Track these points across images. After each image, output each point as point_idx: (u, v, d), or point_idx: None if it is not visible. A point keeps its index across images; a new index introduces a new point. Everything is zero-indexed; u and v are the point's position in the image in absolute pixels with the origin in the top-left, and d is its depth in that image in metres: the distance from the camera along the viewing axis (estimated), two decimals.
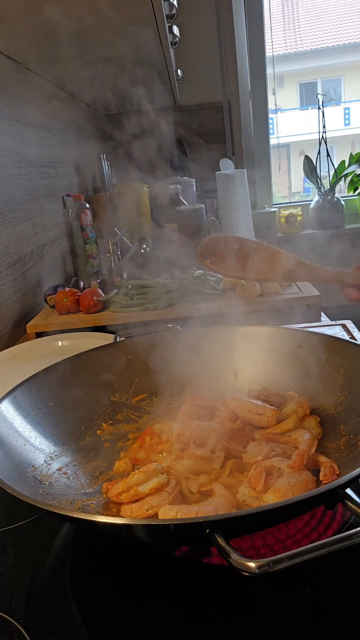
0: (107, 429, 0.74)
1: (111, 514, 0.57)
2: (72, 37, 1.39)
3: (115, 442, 0.72)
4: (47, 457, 0.64)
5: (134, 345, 0.82)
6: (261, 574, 0.37)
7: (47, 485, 0.60)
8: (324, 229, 3.09)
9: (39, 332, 1.29)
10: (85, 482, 0.63)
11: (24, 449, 0.62)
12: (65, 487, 0.61)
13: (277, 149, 3.41)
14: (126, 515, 0.55)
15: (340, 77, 6.55)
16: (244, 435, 0.67)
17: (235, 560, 0.38)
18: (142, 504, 0.55)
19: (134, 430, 0.74)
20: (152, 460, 0.63)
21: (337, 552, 0.39)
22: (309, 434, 0.63)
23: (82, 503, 0.58)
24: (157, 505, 0.54)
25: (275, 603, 0.49)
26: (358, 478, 0.45)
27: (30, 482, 0.58)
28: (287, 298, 1.25)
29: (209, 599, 0.50)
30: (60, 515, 0.46)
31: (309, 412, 0.68)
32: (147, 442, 0.69)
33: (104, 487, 0.61)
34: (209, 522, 0.41)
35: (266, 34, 2.99)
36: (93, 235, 2.01)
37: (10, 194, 1.43)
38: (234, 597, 0.50)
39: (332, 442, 0.64)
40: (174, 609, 0.49)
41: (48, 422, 0.69)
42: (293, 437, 0.64)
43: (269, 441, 0.64)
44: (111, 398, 0.77)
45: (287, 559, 0.38)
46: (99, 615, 0.49)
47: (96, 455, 0.69)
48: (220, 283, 1.38)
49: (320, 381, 0.70)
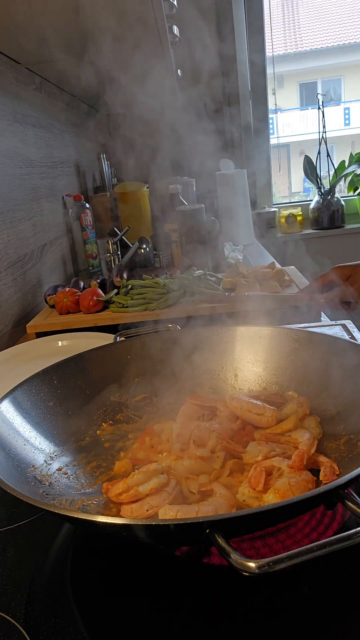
0: (107, 429, 0.74)
1: (111, 514, 0.57)
2: (72, 36, 1.39)
3: (115, 442, 0.72)
4: (47, 457, 0.64)
5: (134, 345, 0.82)
6: (261, 574, 0.37)
7: (47, 485, 0.60)
8: (324, 229, 3.09)
9: (39, 332, 1.29)
10: (85, 482, 0.63)
11: (24, 449, 0.62)
12: (65, 487, 0.61)
13: (277, 149, 3.41)
14: (126, 515, 0.55)
15: (340, 77, 6.55)
16: (244, 436, 0.67)
17: (235, 560, 0.38)
18: (142, 504, 0.55)
19: (134, 430, 0.74)
20: (152, 461, 0.63)
21: (337, 552, 0.39)
22: (309, 434, 0.63)
23: (82, 503, 0.58)
24: (157, 505, 0.54)
25: (275, 603, 0.49)
26: (358, 478, 0.45)
27: (30, 482, 0.58)
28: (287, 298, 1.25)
29: (209, 599, 0.50)
30: (60, 515, 0.46)
31: (309, 412, 0.68)
32: (147, 442, 0.69)
33: (104, 487, 0.61)
34: (209, 522, 0.41)
35: (266, 34, 2.99)
36: (93, 235, 2.01)
37: (10, 193, 1.43)
38: (234, 597, 0.50)
39: (332, 442, 0.64)
40: (174, 609, 0.49)
41: (48, 422, 0.69)
42: (293, 437, 0.64)
43: (269, 441, 0.64)
44: (111, 398, 0.77)
45: (287, 559, 0.38)
46: (99, 615, 0.49)
47: (96, 455, 0.69)
48: (220, 283, 1.38)
49: (320, 381, 0.70)
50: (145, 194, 2.46)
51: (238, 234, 2.43)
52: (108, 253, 1.74)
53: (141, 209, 2.44)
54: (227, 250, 2.03)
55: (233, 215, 2.41)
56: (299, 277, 1.40)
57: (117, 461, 0.67)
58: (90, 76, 1.95)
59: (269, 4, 3.01)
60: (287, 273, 1.42)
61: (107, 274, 1.72)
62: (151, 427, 0.72)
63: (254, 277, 1.34)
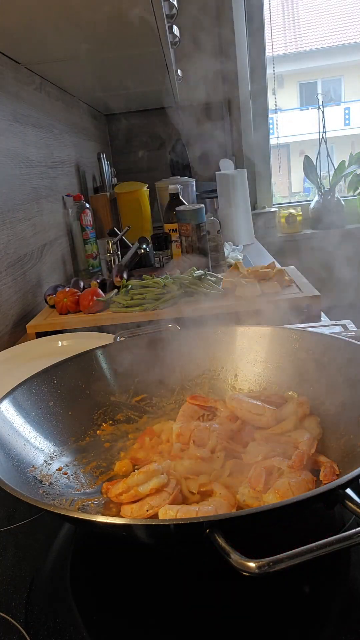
0: (107, 429, 0.74)
1: (111, 514, 0.57)
2: (72, 36, 1.39)
3: (115, 442, 0.72)
4: (47, 457, 0.64)
5: (134, 345, 0.82)
6: (261, 573, 0.37)
7: (47, 485, 0.60)
8: (324, 229, 3.09)
9: (39, 332, 1.29)
10: (85, 482, 0.63)
11: (24, 449, 0.62)
12: (65, 487, 0.61)
13: (277, 149, 3.41)
14: (126, 515, 0.55)
15: (340, 77, 6.55)
16: (244, 436, 0.67)
17: (235, 560, 0.38)
18: (142, 504, 0.55)
19: (134, 430, 0.74)
20: (152, 461, 0.63)
21: (337, 552, 0.39)
22: (309, 434, 0.63)
23: (82, 503, 0.58)
24: (157, 505, 0.54)
25: (275, 603, 0.49)
26: (358, 478, 0.45)
27: (30, 482, 0.58)
28: (287, 298, 1.25)
29: (209, 599, 0.50)
30: (60, 515, 0.46)
31: (309, 412, 0.68)
32: (147, 442, 0.69)
33: (103, 487, 0.61)
34: (209, 522, 0.41)
35: (266, 33, 2.99)
36: (93, 235, 2.01)
37: (10, 194, 1.43)
38: (234, 597, 0.50)
39: (332, 442, 0.64)
40: (174, 609, 0.49)
41: (48, 422, 0.69)
42: (293, 437, 0.64)
43: (269, 441, 0.64)
44: (111, 398, 0.77)
45: (287, 559, 0.38)
46: (99, 615, 0.49)
47: (96, 455, 0.69)
48: (220, 283, 1.38)
49: (320, 381, 0.70)
50: (145, 194, 2.46)
51: (238, 234, 2.44)
52: (108, 253, 1.74)
53: (141, 209, 2.44)
54: (227, 250, 2.03)
55: (233, 215, 2.41)
56: (299, 277, 1.40)
57: (117, 461, 0.67)
58: (90, 76, 1.95)
59: (269, 4, 3.01)
60: (287, 273, 1.42)
61: (107, 274, 1.72)
62: (151, 427, 0.72)
63: (254, 277, 1.34)
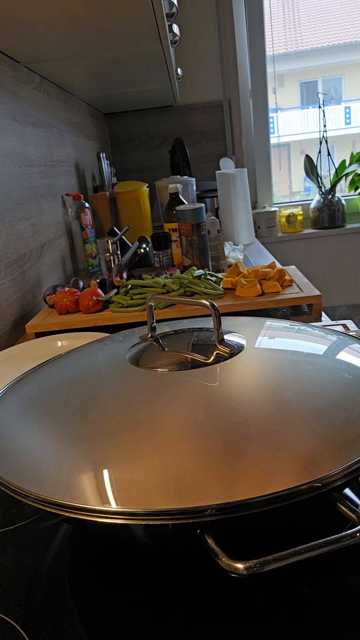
0: None
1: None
2: (72, 35, 1.39)
3: None
4: None
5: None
6: (249, 575, 0.36)
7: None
8: (325, 229, 3.09)
9: (38, 332, 1.29)
10: None
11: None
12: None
13: (278, 148, 3.41)
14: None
15: (341, 76, 6.53)
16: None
17: (223, 562, 0.37)
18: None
19: None
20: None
21: (337, 552, 0.39)
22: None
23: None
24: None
25: (275, 603, 0.49)
26: (351, 480, 0.45)
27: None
28: (287, 298, 1.25)
29: (208, 599, 0.50)
30: (56, 514, 0.46)
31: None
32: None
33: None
34: (200, 523, 0.40)
35: (266, 32, 2.99)
36: (93, 235, 2.01)
37: (9, 193, 1.43)
38: (233, 597, 0.49)
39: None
40: (173, 609, 0.49)
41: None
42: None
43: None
44: None
45: (275, 560, 0.37)
46: (98, 616, 0.49)
47: None
48: (220, 283, 1.38)
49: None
50: (145, 193, 2.46)
51: (238, 233, 2.44)
52: (108, 253, 1.74)
53: (141, 208, 2.44)
54: (227, 250, 2.03)
55: (233, 215, 2.41)
56: (300, 277, 1.40)
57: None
58: (90, 75, 1.95)
59: (269, 3, 3.01)
60: (288, 273, 1.42)
61: (106, 273, 1.72)
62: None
63: (255, 277, 1.34)
